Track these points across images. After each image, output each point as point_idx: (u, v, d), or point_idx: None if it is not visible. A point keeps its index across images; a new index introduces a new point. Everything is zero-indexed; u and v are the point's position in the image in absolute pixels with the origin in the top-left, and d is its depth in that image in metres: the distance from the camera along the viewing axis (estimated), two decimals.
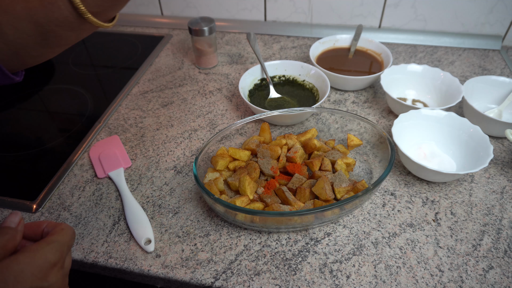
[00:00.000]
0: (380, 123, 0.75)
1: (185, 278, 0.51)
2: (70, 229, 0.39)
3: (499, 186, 0.62)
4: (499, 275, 0.50)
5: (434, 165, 0.64)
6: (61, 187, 0.64)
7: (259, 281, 0.50)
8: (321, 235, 0.56)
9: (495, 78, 0.75)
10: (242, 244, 0.55)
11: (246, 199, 0.55)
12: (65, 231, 0.38)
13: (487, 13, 0.92)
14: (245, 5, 1.03)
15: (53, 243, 0.36)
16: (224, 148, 0.63)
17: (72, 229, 0.39)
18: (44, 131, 0.76)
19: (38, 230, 0.39)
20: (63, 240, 0.37)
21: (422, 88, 0.79)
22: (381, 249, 0.54)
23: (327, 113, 0.72)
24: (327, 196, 0.54)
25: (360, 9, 0.98)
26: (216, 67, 0.92)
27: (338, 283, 0.50)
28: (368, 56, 0.88)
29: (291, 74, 0.82)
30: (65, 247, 0.37)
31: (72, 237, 0.39)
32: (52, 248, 0.35)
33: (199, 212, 0.59)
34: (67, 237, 0.38)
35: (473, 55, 0.93)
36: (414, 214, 0.58)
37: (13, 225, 0.37)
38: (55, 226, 0.39)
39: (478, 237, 0.55)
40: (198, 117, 0.77)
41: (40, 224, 0.39)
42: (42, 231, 0.39)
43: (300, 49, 0.98)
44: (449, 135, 0.66)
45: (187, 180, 0.64)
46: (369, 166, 0.65)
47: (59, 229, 0.38)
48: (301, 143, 0.65)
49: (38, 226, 0.39)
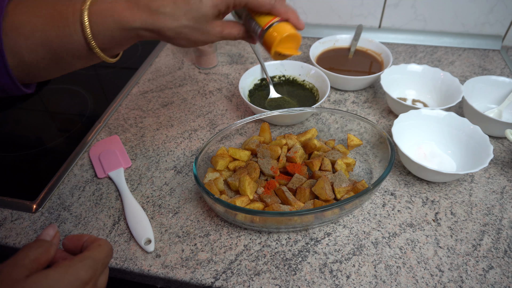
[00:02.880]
0: (380, 123, 0.75)
1: (185, 278, 0.51)
2: (107, 246, 0.38)
3: (499, 186, 0.62)
4: (499, 275, 0.50)
5: (434, 165, 0.64)
6: (61, 187, 0.64)
7: (259, 281, 0.50)
8: (321, 235, 0.56)
9: (495, 78, 0.75)
10: (242, 244, 0.55)
11: (246, 199, 0.55)
12: (102, 248, 0.37)
13: (487, 13, 0.92)
14: None
15: (87, 260, 0.35)
16: (224, 148, 0.63)
17: (110, 246, 0.38)
18: (44, 131, 0.76)
19: (79, 244, 0.38)
20: (98, 257, 0.36)
21: (422, 88, 0.79)
22: (381, 249, 0.54)
23: (327, 113, 0.72)
24: (327, 196, 0.54)
25: (360, 9, 0.98)
26: (216, 67, 0.92)
27: (338, 283, 0.50)
28: (368, 56, 0.88)
29: (291, 74, 0.82)
30: (99, 264, 0.36)
31: (108, 255, 0.37)
32: (85, 265, 0.34)
33: (199, 212, 0.59)
34: (102, 254, 0.37)
35: (473, 55, 0.93)
36: (414, 214, 0.58)
37: (49, 238, 0.37)
38: (93, 241, 0.38)
39: (478, 237, 0.55)
40: (198, 117, 0.77)
41: (81, 238, 0.38)
42: (82, 245, 0.38)
43: (300, 49, 0.97)
44: (449, 135, 0.66)
45: (187, 180, 0.64)
46: (369, 166, 0.65)
47: (96, 245, 0.37)
48: (301, 143, 0.65)
49: (79, 240, 0.38)
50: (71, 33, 0.41)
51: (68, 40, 0.41)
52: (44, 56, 0.42)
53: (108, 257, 0.37)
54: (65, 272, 0.33)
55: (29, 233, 0.57)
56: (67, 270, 0.33)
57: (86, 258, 0.35)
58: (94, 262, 0.35)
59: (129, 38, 0.43)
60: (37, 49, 0.41)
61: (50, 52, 0.41)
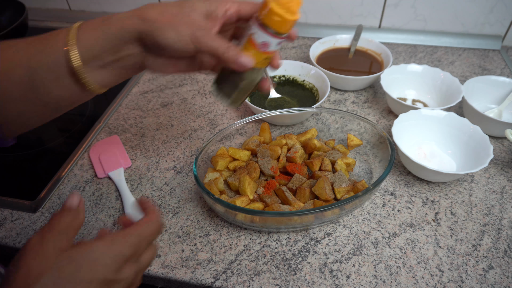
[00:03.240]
0: (380, 123, 0.75)
1: (185, 278, 0.51)
2: (156, 223, 0.37)
3: (499, 186, 0.62)
4: (499, 275, 0.50)
5: (434, 165, 0.64)
6: (61, 187, 0.64)
7: (259, 281, 0.50)
8: (321, 235, 0.56)
9: (495, 78, 0.75)
10: (242, 244, 0.55)
11: (246, 199, 0.55)
12: (151, 224, 0.36)
13: (487, 13, 0.92)
14: None
15: (132, 236, 0.34)
16: (224, 148, 0.63)
17: (159, 223, 0.37)
18: (44, 131, 0.76)
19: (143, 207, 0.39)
20: (145, 233, 0.36)
21: (422, 88, 0.79)
22: (381, 249, 0.54)
23: (327, 113, 0.72)
24: (327, 196, 0.54)
25: (360, 9, 0.98)
26: None
27: (338, 283, 0.50)
28: (368, 56, 0.88)
29: (291, 74, 0.82)
30: (145, 242, 0.36)
31: (156, 232, 0.37)
32: (129, 240, 0.34)
33: (199, 212, 0.59)
34: (150, 231, 0.36)
35: (473, 55, 0.93)
36: (414, 214, 0.58)
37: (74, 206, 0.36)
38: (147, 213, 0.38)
39: (478, 237, 0.55)
40: (198, 117, 0.77)
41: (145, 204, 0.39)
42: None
43: (300, 49, 0.97)
44: (449, 135, 0.66)
45: (187, 180, 0.64)
46: (369, 166, 0.65)
47: (145, 220, 0.37)
48: (301, 143, 0.65)
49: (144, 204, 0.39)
50: (52, 45, 0.39)
51: (48, 54, 0.39)
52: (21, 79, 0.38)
53: (156, 234, 0.37)
54: (109, 247, 0.33)
55: (29, 233, 0.57)
56: (111, 245, 0.33)
57: (131, 234, 0.35)
58: (140, 239, 0.35)
59: (114, 51, 0.40)
60: (14, 70, 0.38)
61: (28, 73, 0.38)
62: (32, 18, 1.13)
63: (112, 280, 0.32)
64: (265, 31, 0.40)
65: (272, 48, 0.42)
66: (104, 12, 1.13)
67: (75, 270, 0.30)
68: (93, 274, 0.31)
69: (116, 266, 0.33)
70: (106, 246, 0.33)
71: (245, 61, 0.40)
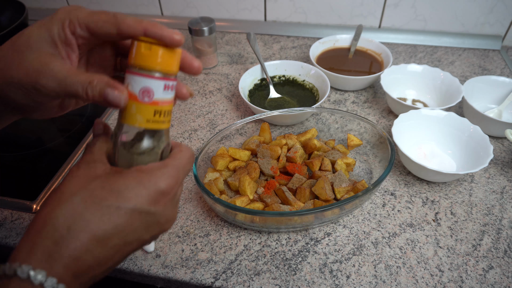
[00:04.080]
0: (380, 123, 0.75)
1: (185, 278, 0.51)
2: (188, 152, 0.34)
3: (499, 186, 0.62)
4: (499, 275, 0.50)
5: (434, 165, 0.64)
6: None
7: (259, 281, 0.50)
8: (321, 235, 0.56)
9: (495, 78, 0.75)
10: (242, 244, 0.55)
11: (246, 199, 0.55)
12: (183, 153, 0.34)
13: (487, 13, 0.92)
14: (245, 5, 1.03)
15: (167, 168, 0.32)
16: (224, 148, 0.63)
17: (191, 151, 0.35)
18: (44, 131, 0.76)
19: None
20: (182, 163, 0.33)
21: (422, 88, 0.79)
22: (381, 249, 0.54)
23: (327, 113, 0.72)
24: (327, 196, 0.54)
25: (360, 9, 0.98)
26: (216, 67, 0.92)
27: (338, 283, 0.50)
28: (368, 56, 0.88)
29: (291, 74, 0.82)
30: (182, 172, 0.33)
31: (190, 161, 0.34)
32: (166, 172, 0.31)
33: (199, 212, 0.59)
34: (184, 161, 0.33)
35: (473, 55, 0.93)
36: (414, 214, 0.58)
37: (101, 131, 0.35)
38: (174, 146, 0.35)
39: (478, 237, 0.55)
40: (198, 117, 0.77)
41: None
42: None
43: (300, 49, 0.98)
44: (449, 135, 0.66)
45: (187, 180, 0.64)
46: (369, 166, 0.65)
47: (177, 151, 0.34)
48: (301, 143, 0.65)
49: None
50: None
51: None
52: None
53: (189, 164, 0.34)
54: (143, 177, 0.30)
55: None
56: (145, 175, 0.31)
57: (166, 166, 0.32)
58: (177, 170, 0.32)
59: None
60: None
61: None
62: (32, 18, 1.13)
63: (144, 212, 0.30)
64: (139, 74, 0.30)
65: (160, 96, 0.31)
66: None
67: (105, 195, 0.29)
68: (122, 201, 0.29)
69: (150, 197, 0.30)
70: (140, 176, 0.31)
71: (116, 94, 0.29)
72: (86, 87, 0.30)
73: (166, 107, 0.32)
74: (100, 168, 0.31)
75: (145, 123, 0.31)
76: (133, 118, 0.31)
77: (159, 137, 0.33)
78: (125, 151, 0.32)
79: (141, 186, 0.30)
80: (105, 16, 0.31)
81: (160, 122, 0.32)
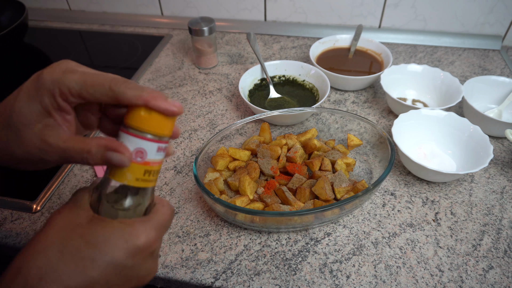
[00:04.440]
0: (380, 123, 0.75)
1: (185, 278, 0.51)
2: (170, 208, 0.34)
3: (499, 186, 0.62)
4: (499, 275, 0.50)
5: (434, 165, 0.64)
6: (61, 187, 0.64)
7: (259, 281, 0.50)
8: (321, 235, 0.56)
9: (495, 78, 0.75)
10: (242, 244, 0.55)
11: (246, 199, 0.55)
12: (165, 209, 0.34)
13: (487, 13, 0.92)
14: (245, 5, 1.03)
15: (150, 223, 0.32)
16: (224, 148, 0.63)
17: (172, 208, 0.35)
18: None
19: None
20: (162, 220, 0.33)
21: (422, 88, 0.79)
22: (381, 249, 0.54)
23: (327, 113, 0.72)
24: (327, 196, 0.54)
25: (360, 9, 0.98)
26: (216, 67, 0.92)
27: (338, 283, 0.50)
28: (368, 56, 0.88)
29: (291, 74, 0.82)
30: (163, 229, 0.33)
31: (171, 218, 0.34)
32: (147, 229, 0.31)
33: (199, 212, 0.59)
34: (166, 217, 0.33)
35: (473, 55, 0.93)
36: (414, 214, 0.58)
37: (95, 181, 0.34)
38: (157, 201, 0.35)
39: (478, 237, 0.55)
40: (198, 117, 0.77)
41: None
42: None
43: (300, 49, 0.98)
44: (449, 135, 0.66)
45: (187, 180, 0.64)
46: (369, 166, 0.65)
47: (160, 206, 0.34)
48: (301, 143, 0.65)
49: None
50: None
51: None
52: None
53: (170, 221, 0.34)
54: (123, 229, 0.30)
55: (29, 233, 0.57)
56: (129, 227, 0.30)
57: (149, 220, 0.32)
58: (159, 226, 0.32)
59: None
60: None
61: None
62: (32, 18, 1.13)
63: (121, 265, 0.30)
64: (134, 135, 0.30)
65: (152, 157, 0.31)
66: (104, 12, 1.13)
67: (82, 246, 0.29)
68: (98, 253, 0.29)
69: (129, 251, 0.30)
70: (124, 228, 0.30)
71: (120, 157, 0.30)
72: (86, 157, 0.31)
73: (156, 167, 0.32)
74: (82, 215, 0.31)
75: (134, 182, 0.31)
76: (123, 175, 0.31)
77: (145, 195, 0.33)
78: (109, 205, 0.32)
79: (122, 239, 0.30)
80: (102, 89, 0.30)
81: (149, 181, 0.32)
